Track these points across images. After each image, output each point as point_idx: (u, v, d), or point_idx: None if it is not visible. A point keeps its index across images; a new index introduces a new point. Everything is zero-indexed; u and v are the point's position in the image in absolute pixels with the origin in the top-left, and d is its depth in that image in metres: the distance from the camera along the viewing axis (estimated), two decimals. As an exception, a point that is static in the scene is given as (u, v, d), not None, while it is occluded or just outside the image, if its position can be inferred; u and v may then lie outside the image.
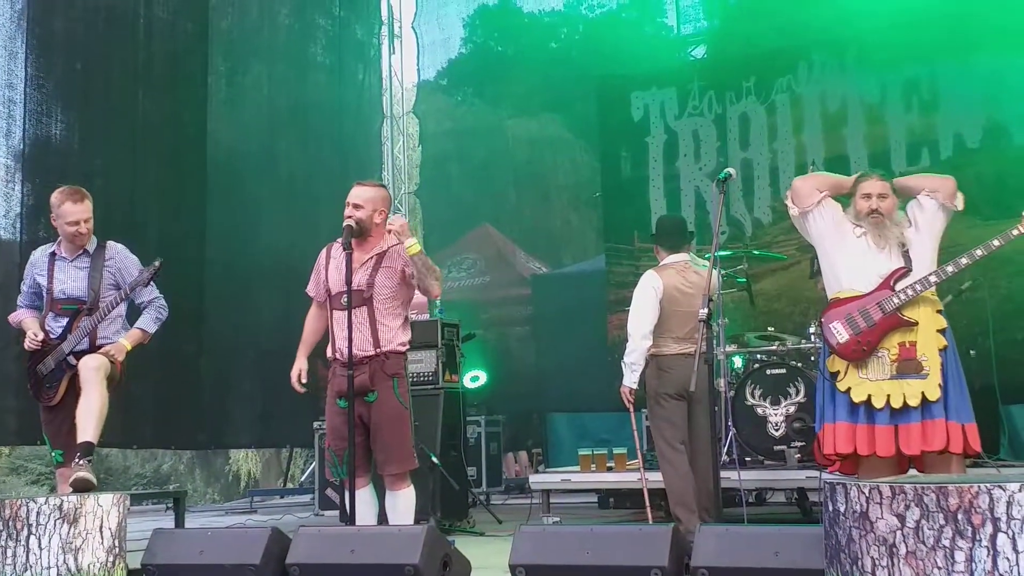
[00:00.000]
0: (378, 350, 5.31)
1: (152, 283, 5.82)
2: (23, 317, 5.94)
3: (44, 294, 5.87)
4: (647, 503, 6.30)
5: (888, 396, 4.92)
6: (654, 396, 6.14)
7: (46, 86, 8.76)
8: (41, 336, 5.75)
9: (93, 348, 5.72)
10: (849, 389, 5.03)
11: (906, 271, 5.05)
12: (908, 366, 4.94)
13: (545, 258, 12.21)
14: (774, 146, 10.12)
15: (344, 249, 5.23)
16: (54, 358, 5.73)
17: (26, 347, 5.80)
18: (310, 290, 5.66)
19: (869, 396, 4.95)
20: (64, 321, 5.78)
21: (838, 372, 5.11)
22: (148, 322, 5.91)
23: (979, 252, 4.98)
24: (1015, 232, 4.94)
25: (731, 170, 5.59)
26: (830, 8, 10.14)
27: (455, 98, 13.09)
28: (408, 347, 5.48)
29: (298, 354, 5.60)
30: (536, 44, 12.58)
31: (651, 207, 10.62)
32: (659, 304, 6.14)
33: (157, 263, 5.76)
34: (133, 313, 6.05)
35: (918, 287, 4.96)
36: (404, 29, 12.81)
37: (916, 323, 4.97)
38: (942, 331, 5.00)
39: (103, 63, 9.19)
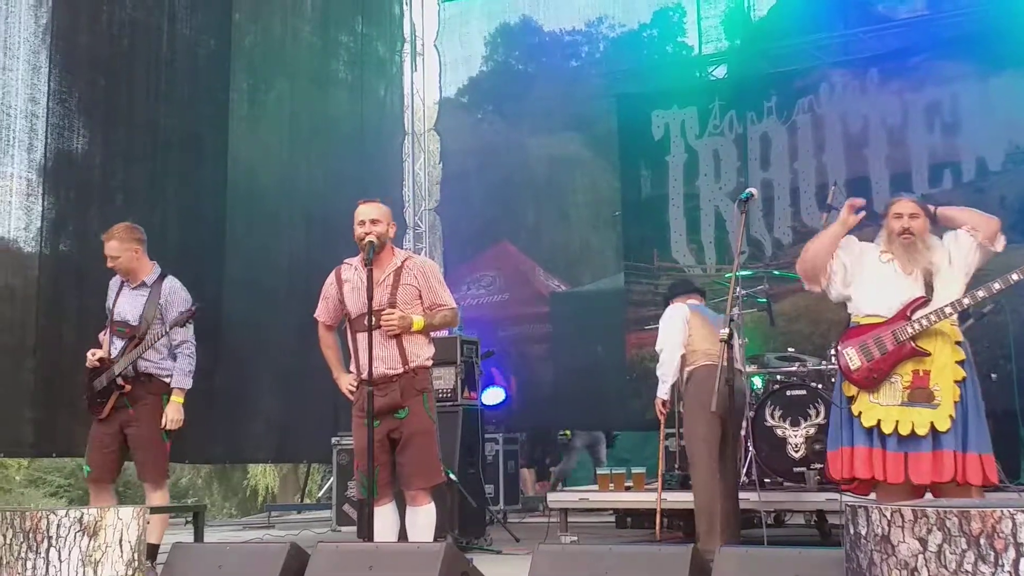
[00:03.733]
0: (407, 367, 5.35)
1: (188, 325, 6.30)
2: (102, 336, 6.55)
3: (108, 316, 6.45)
4: (658, 521, 6.38)
5: (896, 422, 4.91)
6: (694, 412, 6.22)
7: (69, 101, 8.80)
8: (98, 355, 6.33)
9: (137, 373, 6.24)
10: (860, 413, 5.03)
11: (925, 301, 5.04)
12: (920, 394, 4.94)
13: (564, 276, 12.21)
14: (795, 166, 10.11)
15: (366, 265, 5.26)
16: (107, 377, 6.25)
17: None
18: (319, 315, 5.69)
19: (879, 421, 4.95)
20: (119, 344, 6.33)
21: (853, 397, 5.11)
22: (181, 379, 6.37)
23: (997, 285, 4.97)
24: (1015, 276, 4.91)
25: (753, 190, 5.61)
26: (851, 29, 10.17)
27: (476, 116, 13.12)
28: (432, 362, 5.51)
29: (337, 375, 5.64)
30: (557, 62, 12.62)
31: (671, 226, 10.63)
32: (687, 325, 6.50)
33: (193, 307, 6.29)
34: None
35: (932, 318, 4.96)
36: (426, 47, 12.86)
37: (929, 354, 4.95)
38: (960, 363, 4.97)
39: (126, 79, 9.23)
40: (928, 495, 5.02)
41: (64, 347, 8.24)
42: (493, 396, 10.64)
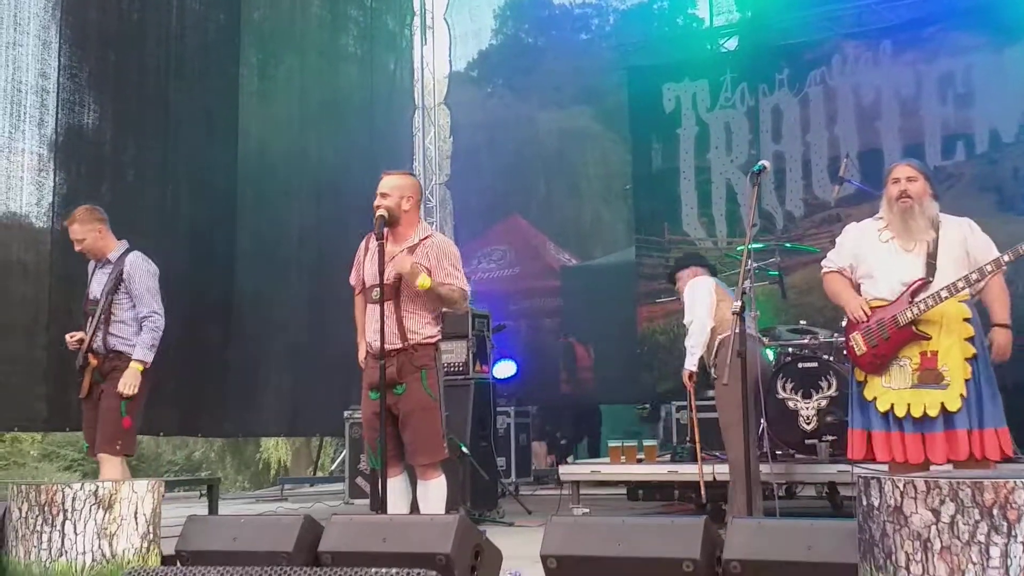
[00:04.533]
0: (405, 343, 5.30)
1: (148, 295, 6.31)
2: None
3: None
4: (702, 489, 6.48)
5: (909, 405, 4.93)
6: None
7: (79, 76, 8.80)
8: (76, 336, 6.33)
9: (107, 349, 6.24)
10: (875, 398, 5.05)
11: (926, 282, 5.03)
12: (928, 376, 4.94)
13: (575, 250, 12.21)
14: (807, 139, 10.08)
15: (377, 239, 5.24)
16: (82, 355, 6.28)
17: None
18: (352, 280, 5.67)
19: (892, 405, 4.97)
20: (91, 321, 6.32)
21: (863, 381, 5.13)
22: (142, 351, 6.27)
23: (989, 267, 4.94)
24: (1007, 257, 4.89)
25: (765, 163, 5.57)
26: (863, 1, 10.10)
27: (486, 89, 13.10)
28: (438, 339, 5.47)
29: (359, 344, 5.60)
30: (567, 35, 12.59)
31: (682, 199, 10.61)
32: (714, 294, 6.54)
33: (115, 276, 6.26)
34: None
35: (930, 302, 4.94)
36: (436, 20, 12.82)
37: (929, 337, 4.96)
38: (970, 339, 4.97)
39: (136, 54, 9.22)
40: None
41: (76, 322, 8.24)
42: (504, 369, 10.66)
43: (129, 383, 6.13)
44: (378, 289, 5.21)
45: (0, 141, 8.30)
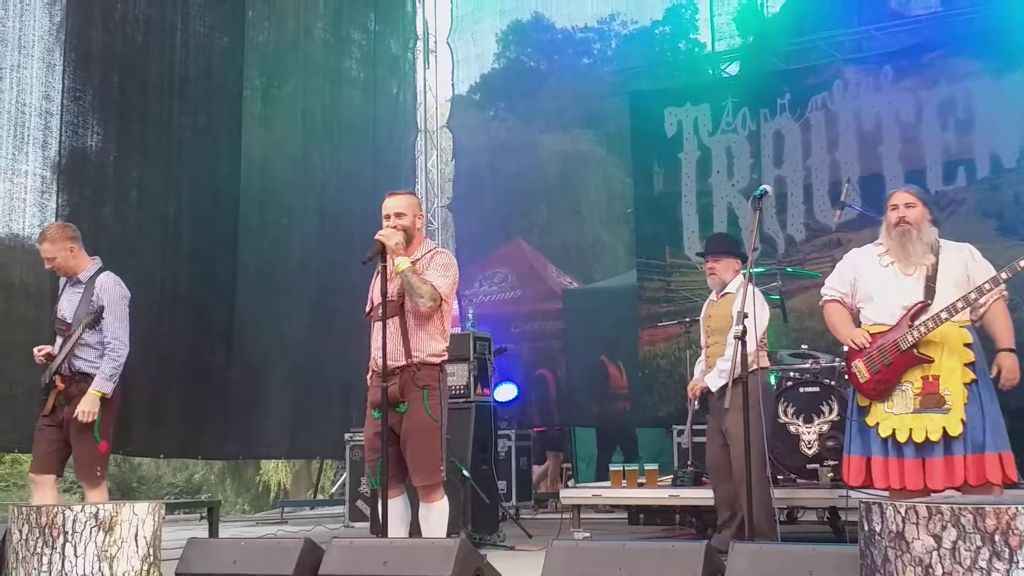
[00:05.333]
0: (409, 360, 5.30)
1: (115, 323, 6.16)
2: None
3: None
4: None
5: (911, 430, 4.95)
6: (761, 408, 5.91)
7: (83, 98, 8.84)
8: (44, 351, 6.26)
9: (73, 371, 6.15)
10: (877, 424, 5.06)
11: (925, 306, 5.04)
12: (930, 400, 4.96)
13: (576, 273, 12.21)
14: (808, 163, 10.10)
15: (381, 262, 5.26)
16: (49, 374, 6.20)
17: None
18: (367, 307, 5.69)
19: (894, 430, 4.98)
20: (59, 341, 6.25)
21: (866, 407, 5.14)
22: (100, 382, 6.13)
23: (987, 285, 4.96)
24: (1022, 263, 4.89)
25: (767, 187, 5.59)
26: (865, 26, 10.14)
27: (488, 113, 13.12)
28: (444, 358, 5.45)
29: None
30: (569, 60, 12.64)
31: (683, 223, 10.63)
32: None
33: (100, 307, 6.13)
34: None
35: (930, 324, 4.97)
36: (439, 44, 12.87)
37: (932, 360, 4.97)
38: (970, 364, 4.97)
39: (140, 76, 9.26)
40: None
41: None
42: (505, 392, 10.65)
43: (86, 410, 6.02)
44: (384, 306, 5.23)
45: (3, 163, 8.33)
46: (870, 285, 5.28)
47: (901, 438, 4.97)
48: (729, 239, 7.00)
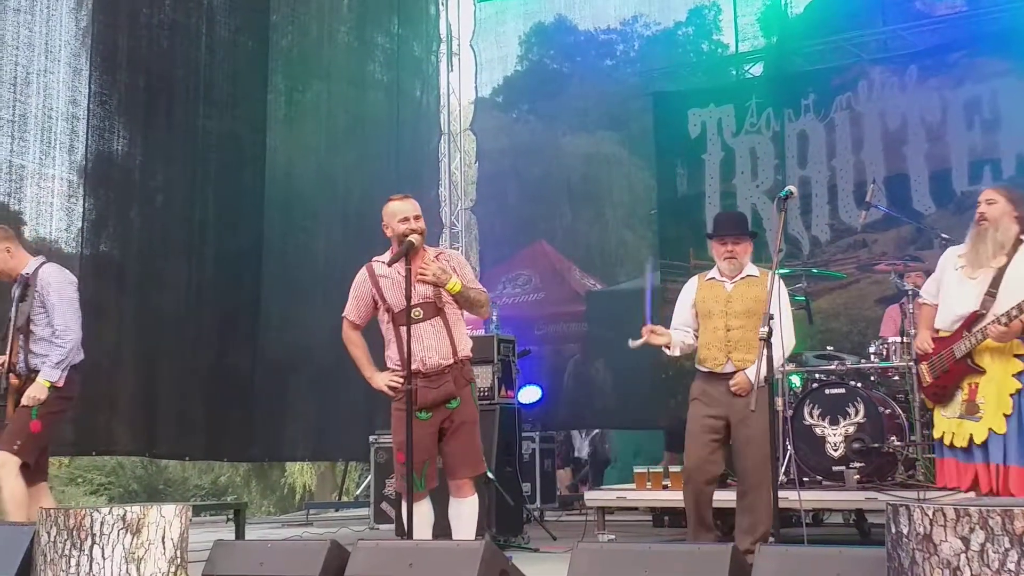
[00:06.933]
0: (457, 357, 5.41)
1: (63, 310, 6.05)
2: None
3: None
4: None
5: (953, 435, 5.02)
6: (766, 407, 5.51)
7: (109, 102, 8.88)
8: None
9: (28, 368, 6.04)
10: (934, 428, 5.25)
11: (978, 314, 5.03)
12: (970, 407, 5.03)
13: (600, 275, 12.19)
14: (833, 164, 10.06)
15: (405, 262, 5.27)
16: (3, 376, 6.10)
17: None
18: (349, 313, 5.69)
19: (943, 433, 5.04)
20: (7, 341, 6.15)
21: (932, 410, 5.33)
22: (48, 370, 6.01)
23: None
24: None
25: (792, 188, 5.55)
26: (890, 26, 10.09)
27: (511, 115, 13.13)
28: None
29: (370, 374, 5.60)
30: (592, 61, 12.62)
31: (707, 225, 10.57)
32: None
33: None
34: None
35: (979, 335, 4.96)
36: (462, 46, 12.89)
37: (983, 371, 4.99)
38: (1019, 374, 4.93)
39: (165, 80, 9.30)
40: None
41: (104, 347, 8.32)
42: (530, 395, 10.65)
43: (32, 395, 5.92)
44: (419, 309, 5.25)
45: (31, 167, 8.39)
46: (944, 288, 5.34)
47: (946, 441, 5.12)
48: (744, 218, 6.47)
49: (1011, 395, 4.92)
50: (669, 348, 6.08)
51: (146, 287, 8.95)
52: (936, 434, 5.16)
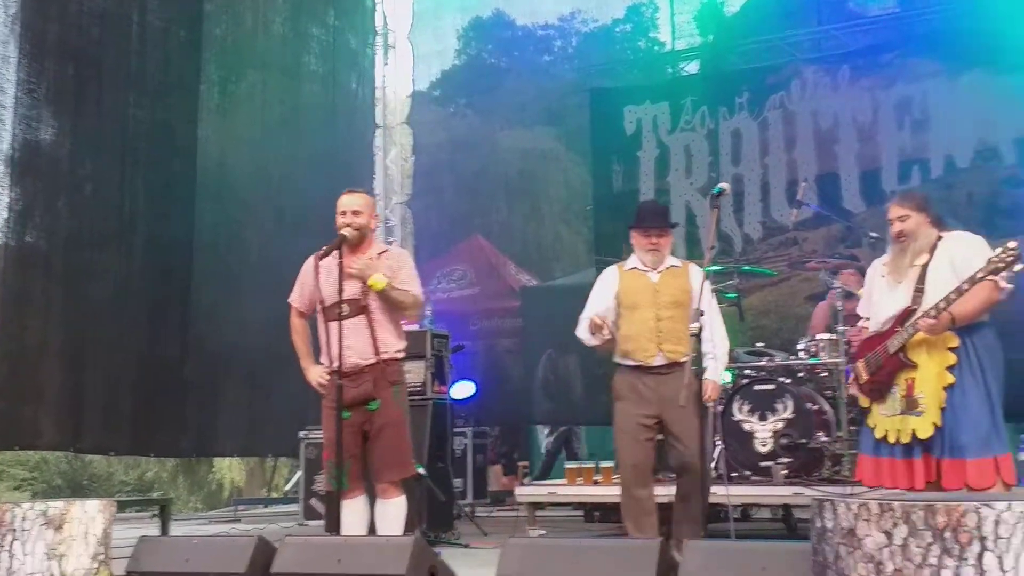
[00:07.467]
0: (378, 357, 5.33)
1: None
2: None
3: None
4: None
5: (898, 432, 5.06)
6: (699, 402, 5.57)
7: (37, 91, 8.72)
8: None
9: None
10: (875, 425, 5.22)
11: (910, 310, 5.10)
12: (910, 403, 5.08)
13: (535, 270, 12.20)
14: (766, 162, 10.13)
15: (338, 256, 5.23)
16: None
17: None
18: (294, 300, 5.66)
19: (886, 432, 5.08)
20: None
21: (868, 408, 5.30)
22: None
23: (952, 295, 4.93)
24: (979, 274, 4.84)
25: (724, 185, 5.59)
26: (823, 26, 10.20)
27: (448, 109, 13.11)
28: (404, 354, 5.49)
29: (306, 365, 5.54)
30: (530, 57, 12.64)
31: (643, 222, 10.62)
32: None
33: None
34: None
35: (910, 330, 5.03)
36: (399, 39, 12.81)
37: (915, 365, 5.04)
38: (951, 367, 4.99)
39: (95, 69, 9.15)
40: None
41: (29, 339, 8.18)
42: (463, 390, 10.63)
43: None
44: (346, 305, 5.22)
45: (-43, 157, 8.22)
46: (873, 298, 5.42)
47: (891, 439, 5.11)
48: (667, 209, 6.51)
49: (944, 388, 4.99)
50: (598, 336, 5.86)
51: (74, 278, 8.80)
52: (878, 434, 5.15)
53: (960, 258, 5.06)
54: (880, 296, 5.35)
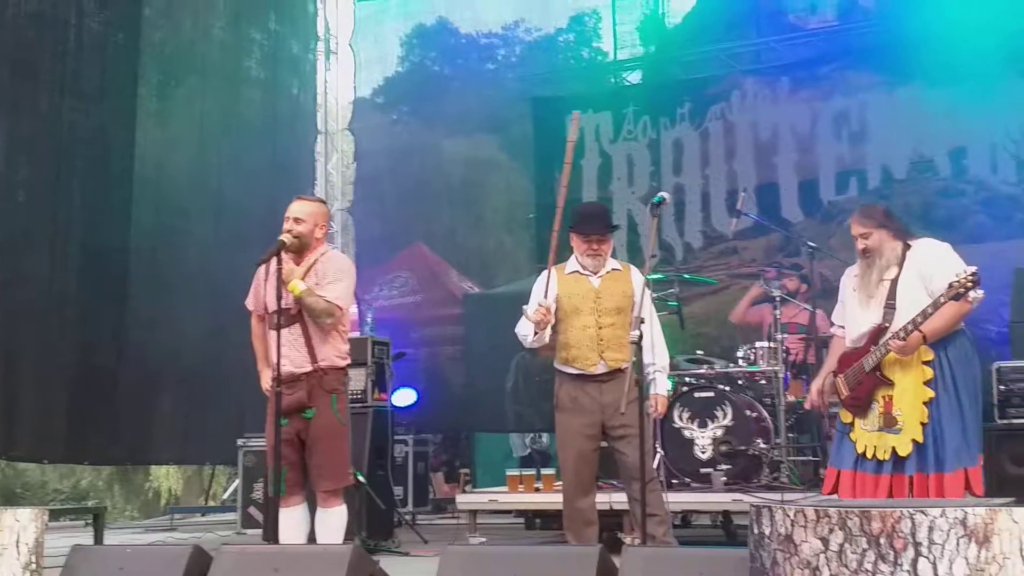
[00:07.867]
0: (315, 366, 5.29)
1: None
2: None
3: None
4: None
5: (875, 448, 5.12)
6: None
7: (-30, 94, 8.59)
8: None
9: None
10: (857, 440, 5.23)
11: (882, 327, 5.14)
12: (888, 420, 5.12)
13: (478, 278, 12.17)
14: (706, 172, 10.23)
15: (277, 263, 5.19)
16: None
17: None
18: (249, 304, 5.62)
19: (865, 447, 5.12)
20: None
21: (851, 423, 5.29)
22: None
23: (919, 318, 4.96)
24: (942, 299, 4.85)
25: (665, 194, 5.62)
26: (763, 38, 10.32)
27: (391, 116, 13.03)
28: (347, 361, 5.49)
29: (261, 368, 5.54)
30: (473, 65, 12.60)
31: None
32: None
33: None
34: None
35: (883, 349, 5.07)
36: (340, 46, 12.75)
37: (891, 382, 5.07)
38: (929, 382, 5.03)
39: (31, 72, 9.01)
40: None
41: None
42: (404, 397, 10.58)
43: None
44: (283, 315, 5.18)
45: None
46: (847, 310, 5.46)
47: (869, 455, 5.14)
48: (608, 211, 6.47)
49: (924, 403, 5.01)
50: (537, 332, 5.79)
51: (5, 283, 8.64)
52: (859, 448, 5.15)
53: (926, 268, 5.10)
54: (852, 311, 5.36)
